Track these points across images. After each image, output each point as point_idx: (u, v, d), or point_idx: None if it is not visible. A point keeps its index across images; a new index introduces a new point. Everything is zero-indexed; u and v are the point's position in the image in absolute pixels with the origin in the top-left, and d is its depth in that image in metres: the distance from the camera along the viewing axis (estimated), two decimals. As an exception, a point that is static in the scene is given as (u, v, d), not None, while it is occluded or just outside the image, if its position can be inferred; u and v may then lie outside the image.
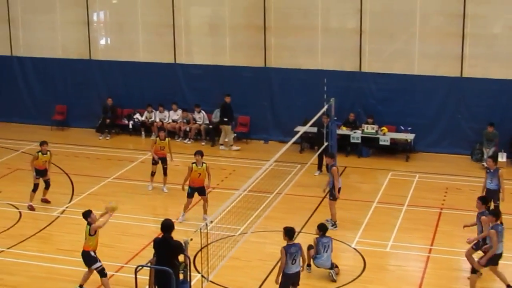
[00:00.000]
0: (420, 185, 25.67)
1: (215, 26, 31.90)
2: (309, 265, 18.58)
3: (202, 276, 16.50)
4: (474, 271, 17.39)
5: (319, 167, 26.62)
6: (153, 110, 31.74)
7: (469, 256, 17.94)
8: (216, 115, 30.94)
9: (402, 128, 29.36)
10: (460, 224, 20.36)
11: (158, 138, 24.79)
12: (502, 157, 27.71)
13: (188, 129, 31.15)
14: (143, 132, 31.90)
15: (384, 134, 28.72)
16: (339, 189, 21.66)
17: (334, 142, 25.27)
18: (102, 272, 17.25)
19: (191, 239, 14.44)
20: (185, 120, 31.31)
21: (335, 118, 25.73)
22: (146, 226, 21.80)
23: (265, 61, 30.84)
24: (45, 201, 23.73)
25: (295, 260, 16.22)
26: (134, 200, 23.90)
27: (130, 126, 32.06)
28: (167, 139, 24.85)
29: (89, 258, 17.23)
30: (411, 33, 29.29)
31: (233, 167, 27.67)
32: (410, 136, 28.87)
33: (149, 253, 15.96)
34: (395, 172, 27.00)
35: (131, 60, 32.50)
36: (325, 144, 25.49)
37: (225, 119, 29.88)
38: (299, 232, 21.31)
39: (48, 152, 23.38)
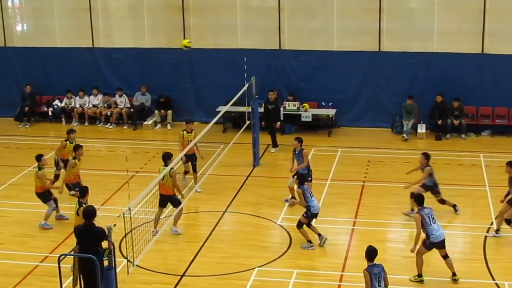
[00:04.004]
0: (342, 159, 25.93)
1: (134, 8, 31.53)
2: None
3: (128, 261, 16.43)
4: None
5: (274, 144, 26.82)
6: (73, 96, 31.35)
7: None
8: (137, 98, 30.76)
9: (324, 104, 29.61)
10: (383, 196, 20.66)
11: (185, 131, 22.65)
12: (421, 129, 28.33)
13: (109, 113, 30.86)
14: (63, 119, 31.49)
15: (306, 111, 28.92)
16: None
17: (257, 121, 25.27)
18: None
19: (115, 225, 14.31)
20: (106, 105, 31.01)
21: (257, 96, 25.74)
22: (70, 214, 21.49)
23: (185, 42, 30.73)
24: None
25: (380, 281, 14.58)
26: (57, 188, 23.54)
27: (50, 113, 31.62)
28: (193, 131, 22.64)
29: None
30: (329, 9, 29.46)
31: (157, 150, 27.51)
32: (331, 112, 29.13)
33: (74, 241, 15.79)
34: (318, 148, 27.19)
35: (49, 46, 31.98)
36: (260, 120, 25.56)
37: None
38: (225, 211, 21.41)
39: (74, 141, 22.50)
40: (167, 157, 19.54)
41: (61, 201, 20.94)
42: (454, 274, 16.98)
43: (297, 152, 21.12)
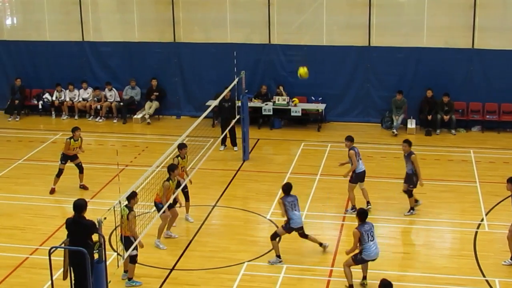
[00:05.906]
0: (332, 154, 25.91)
1: (123, 2, 31.47)
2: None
3: (118, 254, 16.42)
4: None
5: (223, 142, 26.43)
6: (63, 90, 31.28)
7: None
8: (126, 92, 30.72)
9: (313, 98, 29.59)
10: (372, 191, 20.72)
11: (179, 158, 20.09)
12: (411, 124, 28.33)
13: (99, 107, 30.83)
14: (53, 112, 31.41)
15: (295, 105, 28.92)
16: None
17: (246, 115, 25.26)
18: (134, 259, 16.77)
19: (105, 218, 14.30)
20: (96, 99, 30.97)
21: (246, 91, 25.74)
22: (60, 207, 21.57)
23: (175, 36, 30.66)
24: (84, 187, 22.83)
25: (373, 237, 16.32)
26: (46, 181, 23.33)
27: (40, 107, 31.53)
28: (187, 157, 20.48)
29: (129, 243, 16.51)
30: (319, 4, 29.47)
31: (146, 143, 27.53)
32: (321, 107, 29.13)
33: (64, 234, 15.78)
34: (307, 143, 27.22)
35: (38, 39, 31.90)
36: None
37: None
38: (214, 206, 21.44)
39: (80, 138, 22.59)
40: (170, 169, 18.85)
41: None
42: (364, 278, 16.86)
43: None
